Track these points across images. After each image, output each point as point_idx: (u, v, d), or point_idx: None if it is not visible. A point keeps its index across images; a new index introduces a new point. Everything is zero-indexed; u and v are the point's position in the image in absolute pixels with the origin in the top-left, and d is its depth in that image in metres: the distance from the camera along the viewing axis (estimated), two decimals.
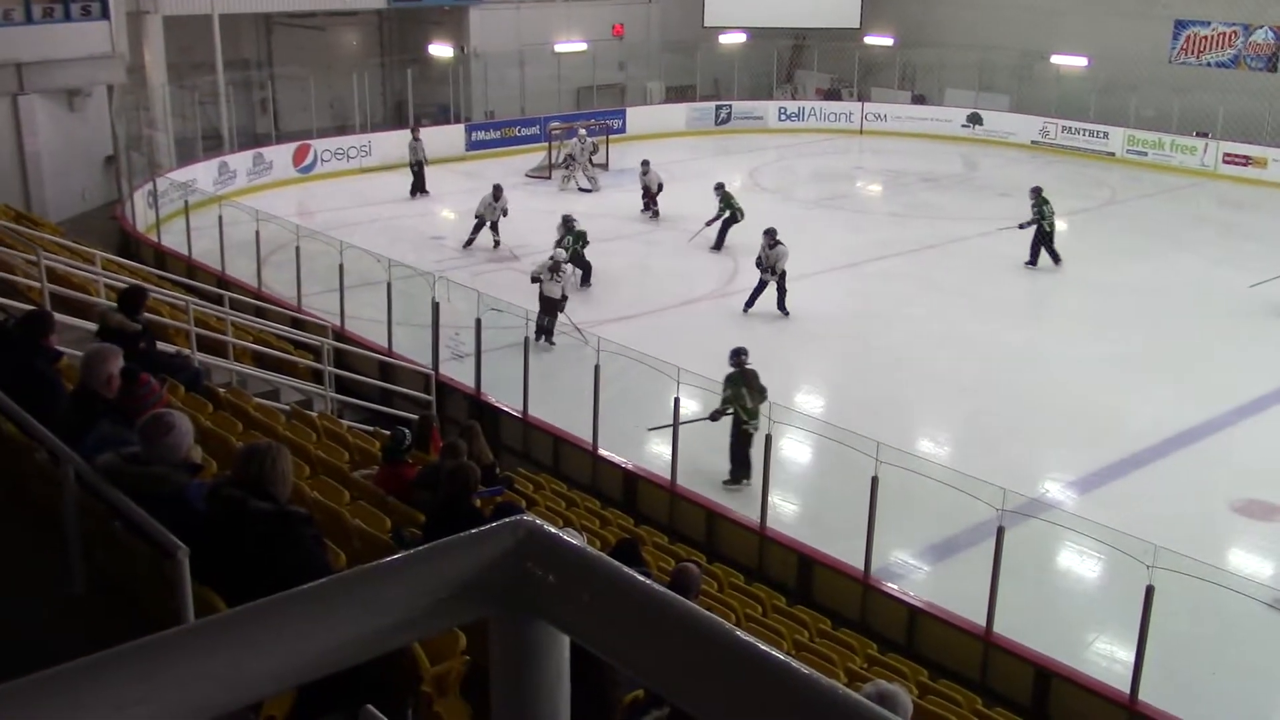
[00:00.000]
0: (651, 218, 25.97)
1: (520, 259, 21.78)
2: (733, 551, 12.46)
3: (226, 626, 1.15)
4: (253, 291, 18.83)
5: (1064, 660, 10.31)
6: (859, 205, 28.93)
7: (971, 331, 18.83)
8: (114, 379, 6.19)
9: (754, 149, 33.87)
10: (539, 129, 32.46)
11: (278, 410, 11.70)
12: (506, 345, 15.48)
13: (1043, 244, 22.38)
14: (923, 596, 11.36)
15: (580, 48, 35.28)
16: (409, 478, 9.35)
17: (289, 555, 4.82)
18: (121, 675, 1.04)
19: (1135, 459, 14.61)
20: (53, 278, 13.11)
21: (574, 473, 14.06)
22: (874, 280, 22.01)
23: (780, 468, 13.19)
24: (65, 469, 5.29)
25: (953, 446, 15.24)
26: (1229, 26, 31.70)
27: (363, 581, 1.21)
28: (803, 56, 39.88)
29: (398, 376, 16.20)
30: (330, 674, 1.18)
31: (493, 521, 1.29)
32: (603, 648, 1.19)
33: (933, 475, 11.47)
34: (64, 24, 23.27)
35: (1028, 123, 34.21)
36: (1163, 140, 31.70)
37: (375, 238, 22.37)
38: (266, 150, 28.90)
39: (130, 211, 22.98)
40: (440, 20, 34.80)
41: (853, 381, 17.33)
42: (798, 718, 1.03)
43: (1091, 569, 12.44)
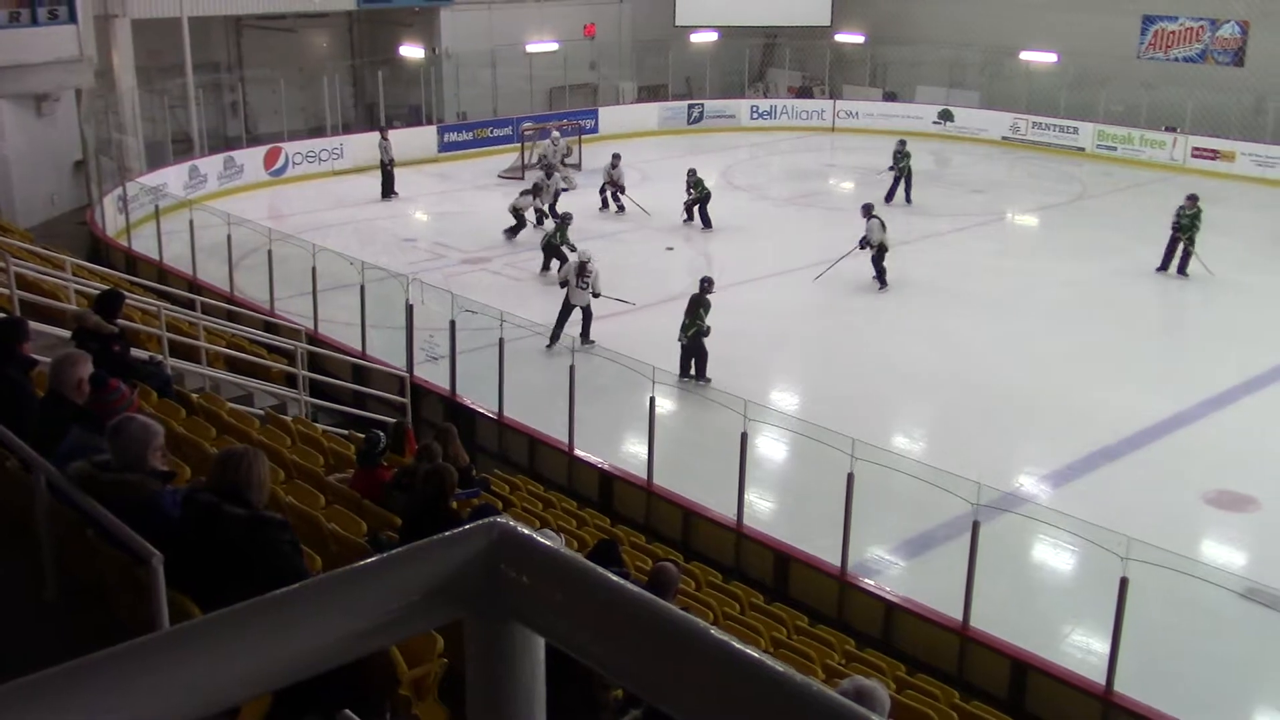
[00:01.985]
0: (617, 212, 26.00)
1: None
2: (710, 550, 12.47)
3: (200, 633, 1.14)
4: (225, 296, 18.73)
5: (1040, 653, 10.36)
6: (832, 202, 28.99)
7: (945, 327, 18.91)
8: (84, 384, 6.14)
9: (727, 147, 33.92)
10: (511, 130, 32.42)
11: (252, 415, 11.64)
12: (481, 347, 15.44)
13: (1187, 253, 21.65)
14: (899, 592, 11.40)
15: (552, 48, 35.24)
16: (385, 481, 9.31)
17: (265, 561, 4.80)
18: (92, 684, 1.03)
19: (1108, 452, 14.71)
20: (22, 284, 13.00)
21: (550, 473, 14.05)
22: (848, 277, 22.04)
23: (756, 465, 13.22)
24: (37, 477, 5.26)
25: (927, 442, 15.30)
26: (1196, 21, 31.96)
27: (338, 585, 1.21)
28: (774, 55, 39.98)
29: (372, 379, 16.14)
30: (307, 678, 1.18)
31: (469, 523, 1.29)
32: (578, 649, 1.19)
33: (908, 471, 11.53)
34: (31, 28, 23.07)
35: (998, 119, 34.40)
36: (1132, 135, 31.92)
37: (348, 240, 22.31)
38: (237, 153, 28.73)
39: (100, 216, 22.80)
40: (411, 22, 34.69)
41: (828, 379, 17.38)
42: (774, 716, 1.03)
43: (1066, 562, 12.52)
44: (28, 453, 5.37)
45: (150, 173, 25.30)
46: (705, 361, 16.39)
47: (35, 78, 23.31)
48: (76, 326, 9.50)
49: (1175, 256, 21.71)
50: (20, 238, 17.43)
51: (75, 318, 10.14)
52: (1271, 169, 29.40)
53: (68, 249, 18.03)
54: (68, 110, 24.90)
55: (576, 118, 32.94)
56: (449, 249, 23.48)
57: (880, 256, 20.39)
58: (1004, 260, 23.30)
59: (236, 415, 10.56)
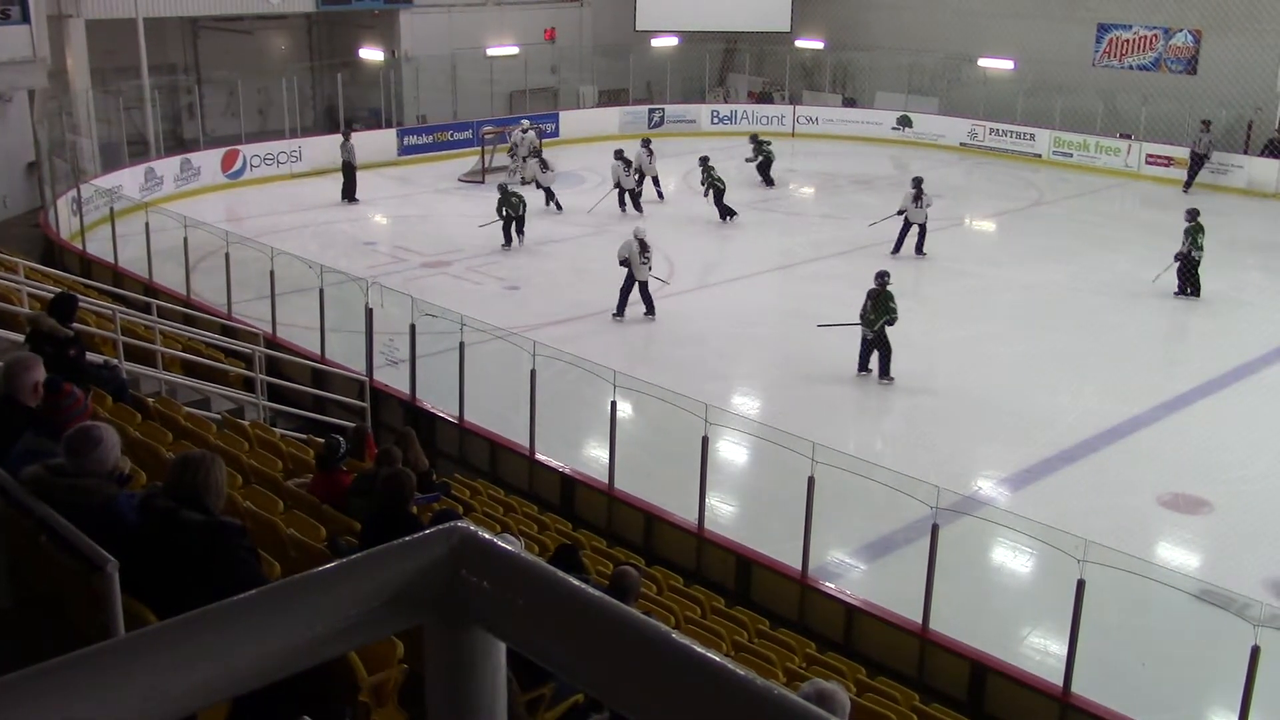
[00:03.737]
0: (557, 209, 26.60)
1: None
2: (671, 554, 12.48)
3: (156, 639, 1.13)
4: (181, 299, 18.55)
5: (999, 655, 10.44)
6: (792, 207, 29.12)
7: (904, 331, 18.99)
8: (38, 387, 6.06)
9: (687, 152, 33.88)
10: (472, 133, 32.33)
11: (209, 419, 11.53)
12: (441, 351, 15.38)
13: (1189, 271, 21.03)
14: (860, 595, 11.46)
15: (512, 51, 35.19)
16: (344, 486, 9.25)
17: (222, 568, 4.75)
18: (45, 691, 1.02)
19: (1065, 455, 14.84)
20: None
21: (511, 477, 14.02)
22: (807, 281, 22.18)
23: (717, 469, 13.24)
24: None
25: (888, 445, 15.40)
26: (1150, 30, 32.35)
27: (296, 591, 1.20)
28: (734, 60, 40.12)
29: (332, 383, 16.04)
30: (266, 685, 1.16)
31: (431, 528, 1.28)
32: (539, 654, 1.18)
33: (868, 475, 11.58)
34: None
35: (956, 125, 34.69)
36: (1088, 142, 32.27)
37: (307, 243, 22.16)
38: (194, 155, 28.47)
39: (54, 219, 22.52)
40: (370, 24, 34.53)
41: (788, 383, 17.44)
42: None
43: (1024, 564, 12.62)
44: None
45: (105, 175, 25.02)
46: (890, 359, 16.83)
47: None
48: (31, 330, 9.38)
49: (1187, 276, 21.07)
50: None
51: (29, 321, 10.02)
52: (1224, 176, 29.80)
53: (20, 252, 17.82)
54: (20, 111, 24.62)
55: (537, 121, 32.90)
56: (409, 252, 23.39)
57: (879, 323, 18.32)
58: (962, 265, 23.47)
59: (193, 420, 10.46)
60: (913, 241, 23.28)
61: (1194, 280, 20.99)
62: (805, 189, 31.49)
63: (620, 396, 13.41)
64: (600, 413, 13.65)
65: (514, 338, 14.87)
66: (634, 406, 14.62)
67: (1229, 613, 10.01)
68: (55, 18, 25.80)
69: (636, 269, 18.80)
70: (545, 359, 13.99)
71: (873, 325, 16.72)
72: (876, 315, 16.72)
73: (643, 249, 18.88)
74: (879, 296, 16.79)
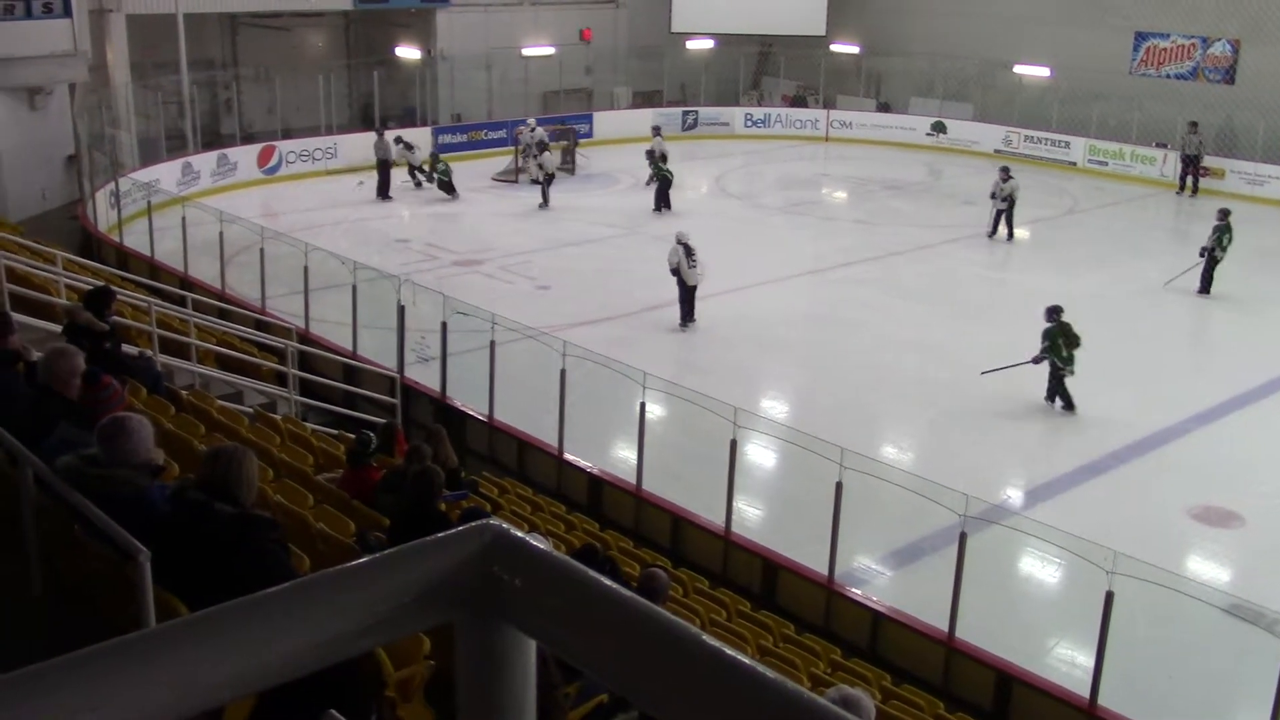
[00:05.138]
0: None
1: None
2: (698, 556, 12.47)
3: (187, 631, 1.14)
4: (216, 293, 18.68)
5: (1025, 665, 10.38)
6: (824, 212, 29.06)
7: (935, 338, 18.94)
8: (75, 379, 6.13)
9: (720, 154, 33.97)
10: (506, 132, 32.41)
11: (241, 413, 11.61)
12: (472, 349, 15.43)
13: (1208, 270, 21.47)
14: (886, 601, 11.41)
15: (548, 52, 35.25)
16: (374, 481, 9.30)
17: (252, 560, 4.78)
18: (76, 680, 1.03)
19: (1095, 466, 14.74)
20: (13, 278, 12.97)
21: (540, 477, 14.04)
22: (839, 286, 22.11)
23: (745, 473, 13.22)
24: (24, 471, 5.24)
25: (916, 452, 15.32)
26: (1188, 39, 32.07)
27: (328, 585, 1.21)
28: (769, 63, 40.02)
29: (363, 380, 16.11)
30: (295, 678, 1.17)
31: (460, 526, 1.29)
32: (569, 652, 1.19)
33: (896, 481, 11.54)
34: (26, 21, 23.00)
35: (991, 131, 34.48)
36: (1123, 150, 32.03)
37: (340, 240, 22.27)
38: (231, 151, 28.70)
39: (92, 211, 22.75)
40: (407, 23, 34.68)
41: (817, 387, 17.39)
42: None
43: (1052, 574, 12.54)
44: (14, 446, 5.35)
45: (143, 168, 25.24)
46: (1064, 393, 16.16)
47: (28, 71, 23.25)
48: (68, 322, 9.48)
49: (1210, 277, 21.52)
50: (11, 231, 17.37)
51: (66, 313, 10.12)
52: (1260, 186, 29.51)
53: (59, 244, 17.98)
54: (61, 105, 24.85)
55: (571, 122, 32.96)
56: (442, 250, 23.47)
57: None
58: (994, 272, 23.36)
59: (226, 413, 10.54)
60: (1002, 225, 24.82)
61: (1208, 279, 21.34)
62: (838, 193, 31.41)
63: (649, 398, 13.42)
64: (629, 414, 13.66)
65: (544, 337, 14.90)
66: (663, 408, 14.62)
67: (1258, 628, 9.92)
68: (96, 12, 26.05)
69: (686, 274, 18.71)
70: (575, 359, 14.01)
71: (1070, 362, 15.90)
72: (1070, 349, 15.90)
73: (688, 253, 18.78)
74: (1066, 331, 15.96)
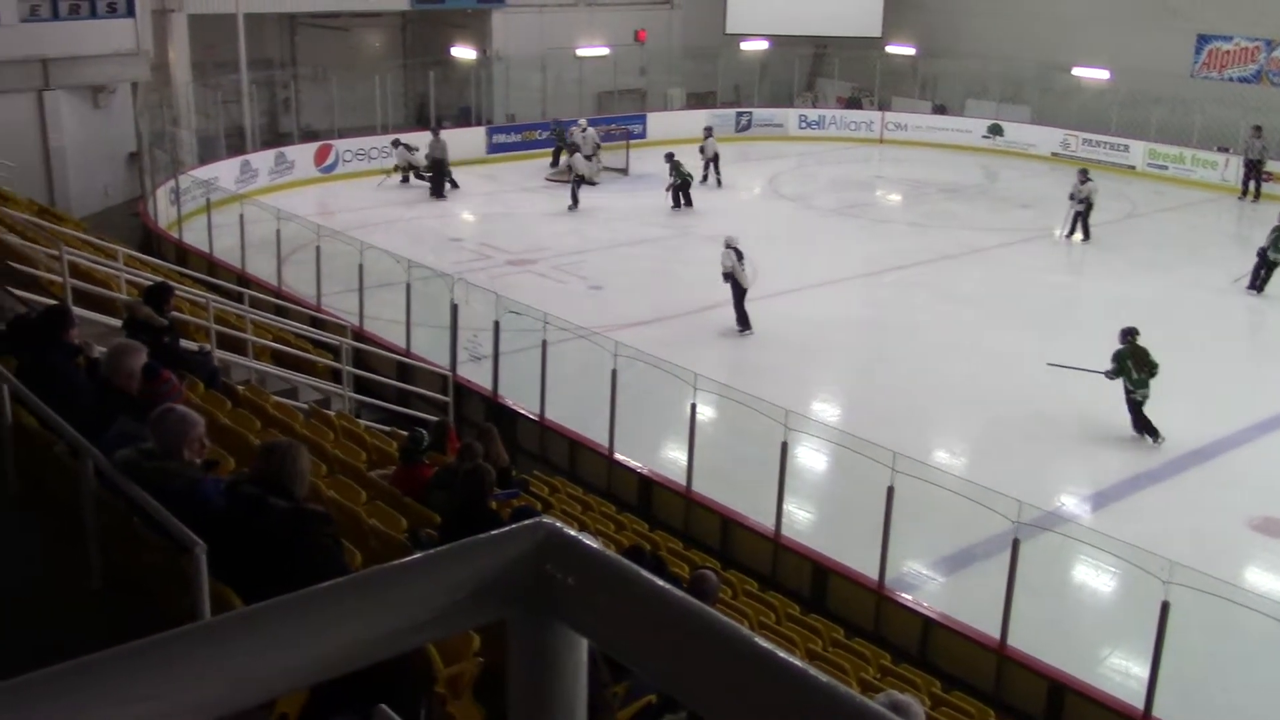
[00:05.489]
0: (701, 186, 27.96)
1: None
2: (747, 558, 12.45)
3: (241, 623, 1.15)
4: (273, 290, 18.91)
5: (1078, 674, 10.26)
6: (878, 214, 28.90)
7: (989, 342, 18.77)
8: (136, 375, 6.22)
9: (774, 156, 33.88)
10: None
11: (296, 409, 11.74)
12: (524, 348, 15.50)
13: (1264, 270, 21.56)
14: (937, 607, 11.33)
15: (602, 52, 35.32)
16: (425, 478, 9.36)
17: (306, 553, 4.83)
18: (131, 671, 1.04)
19: (1152, 474, 14.54)
20: (75, 273, 13.19)
21: (590, 476, 14.07)
22: (892, 289, 21.98)
23: (796, 475, 13.17)
24: (84, 463, 5.32)
25: (969, 458, 15.19)
26: (1251, 42, 31.56)
27: (383, 580, 1.21)
28: (824, 65, 39.86)
29: (416, 377, 16.23)
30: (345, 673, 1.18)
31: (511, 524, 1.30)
32: (621, 651, 1.19)
33: (948, 486, 11.44)
34: (90, 20, 23.43)
35: (1049, 134, 34.11)
36: (1184, 154, 31.55)
37: (395, 238, 22.43)
38: (288, 149, 29.03)
39: (153, 208, 23.10)
40: (463, 23, 34.89)
41: (869, 391, 17.29)
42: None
43: (1107, 583, 12.39)
44: (75, 438, 5.44)
45: (202, 166, 25.58)
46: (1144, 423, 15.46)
47: (92, 70, 23.68)
48: (128, 317, 9.62)
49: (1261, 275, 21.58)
50: (74, 227, 17.66)
51: (126, 308, 10.27)
52: None
53: (120, 239, 18.27)
54: (123, 103, 25.26)
55: (625, 123, 33.00)
56: (495, 250, 23.59)
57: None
58: (1050, 276, 23.10)
59: (281, 408, 10.65)
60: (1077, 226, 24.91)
61: (1263, 279, 21.34)
62: (892, 196, 31.22)
63: (700, 399, 13.41)
64: (680, 415, 13.65)
65: (596, 337, 14.94)
66: (714, 409, 14.61)
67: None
68: (159, 12, 26.45)
69: (741, 278, 18.70)
70: (626, 359, 14.03)
71: (1146, 385, 15.25)
72: (1145, 374, 15.26)
73: (740, 257, 18.75)
74: (1139, 354, 15.35)
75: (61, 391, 6.42)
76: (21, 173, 21.24)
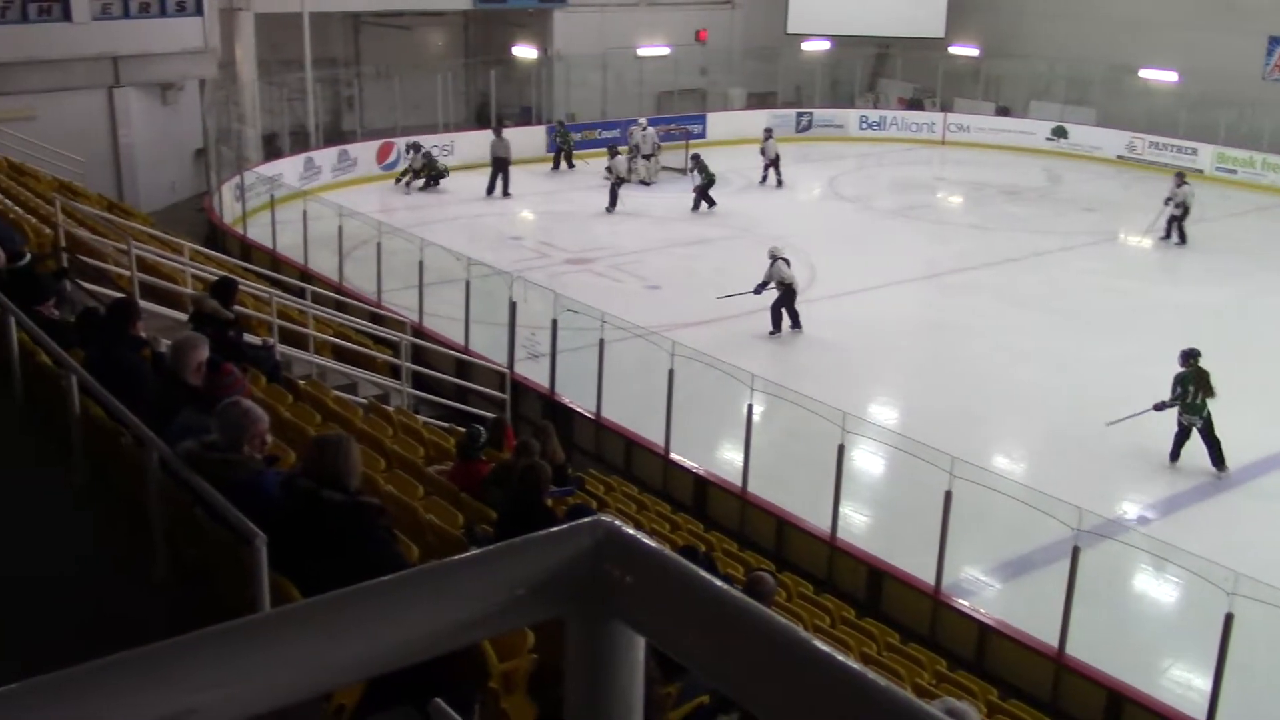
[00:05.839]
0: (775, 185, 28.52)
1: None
2: (802, 561, 12.40)
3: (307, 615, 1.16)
4: (334, 286, 19.11)
5: (1138, 685, 10.10)
6: (939, 216, 28.65)
7: (1051, 347, 18.55)
8: (200, 367, 6.31)
9: (834, 157, 33.69)
10: (619, 132, 32.53)
11: (355, 404, 11.85)
12: (581, 347, 15.54)
13: None
14: (994, 614, 11.21)
15: (663, 52, 35.32)
16: (482, 475, 9.41)
17: (362, 545, 4.88)
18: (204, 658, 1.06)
19: (1218, 483, 14.29)
20: (142, 267, 13.42)
21: (645, 476, 14.08)
22: (953, 292, 21.78)
23: (852, 478, 13.09)
24: (149, 454, 5.40)
25: (1028, 463, 15.01)
26: None
27: (444, 575, 1.22)
28: (886, 65, 39.58)
29: (474, 374, 16.33)
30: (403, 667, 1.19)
31: (566, 521, 1.30)
32: (679, 650, 1.19)
33: (1007, 491, 11.31)
34: (160, 19, 23.83)
35: (1114, 137, 33.60)
36: (1254, 158, 30.97)
37: (455, 236, 22.59)
38: (351, 147, 29.32)
39: (218, 204, 23.43)
40: (525, 22, 35.04)
41: (928, 394, 17.14)
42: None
43: (1168, 593, 12.19)
44: (141, 430, 5.53)
45: (267, 163, 25.94)
46: (1220, 447, 14.54)
47: (161, 67, 24.08)
48: (194, 310, 9.77)
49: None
50: (142, 222, 17.98)
51: (193, 301, 10.44)
52: None
53: (186, 234, 18.57)
54: (191, 100, 25.66)
55: (685, 123, 32.97)
56: (554, 248, 23.67)
57: None
58: (1115, 281, 22.76)
59: (340, 403, 10.76)
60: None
61: None
62: (953, 198, 30.93)
63: (757, 400, 13.37)
64: (736, 415, 13.62)
65: (653, 337, 14.94)
66: (770, 411, 14.56)
67: None
68: (226, 11, 26.81)
69: (791, 280, 18.73)
70: (683, 359, 14.02)
71: (1201, 411, 14.43)
72: (1203, 399, 14.46)
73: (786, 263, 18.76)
74: (1200, 378, 14.55)
75: (128, 383, 6.52)
76: (92, 168, 21.65)
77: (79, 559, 5.73)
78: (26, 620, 5.03)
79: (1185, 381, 14.59)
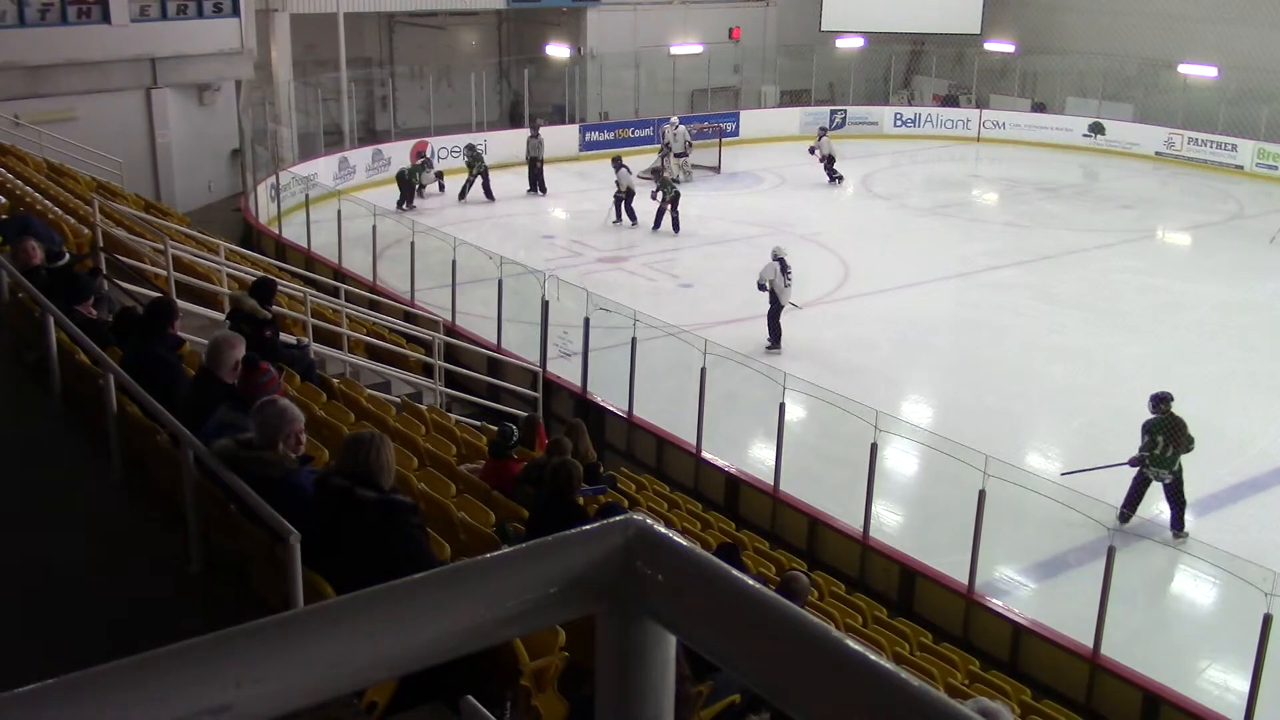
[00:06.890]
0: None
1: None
2: (834, 560, 12.36)
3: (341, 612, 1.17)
4: (368, 285, 19.21)
5: (1174, 686, 10.01)
6: (974, 213, 28.48)
7: (1086, 345, 18.41)
8: (236, 365, 6.37)
9: (868, 154, 33.55)
10: (652, 130, 32.53)
11: (389, 402, 11.90)
12: (613, 345, 15.55)
13: None
14: (1028, 614, 11.14)
15: (696, 50, 35.28)
16: (514, 473, 9.44)
17: (394, 543, 4.91)
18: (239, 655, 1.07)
19: (1255, 482, 14.15)
20: (179, 266, 13.52)
21: (677, 474, 14.07)
22: (987, 290, 21.64)
23: (885, 477, 13.04)
24: (185, 452, 5.46)
25: (1063, 462, 14.88)
26: None
27: (477, 573, 1.23)
28: (921, 62, 39.37)
29: (506, 373, 16.37)
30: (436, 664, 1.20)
31: (598, 520, 1.30)
32: (710, 649, 1.19)
33: (1041, 491, 11.23)
34: (196, 20, 24.02)
35: (1152, 133, 33.27)
36: None
37: (488, 235, 22.65)
38: (385, 146, 29.45)
39: (253, 204, 23.59)
40: (558, 21, 35.10)
41: (962, 393, 17.04)
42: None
43: (1205, 594, 12.08)
44: (177, 428, 5.58)
45: (302, 163, 26.07)
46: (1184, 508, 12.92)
47: (198, 68, 24.27)
48: (232, 309, 9.85)
49: None
50: (178, 221, 18.12)
51: (231, 301, 10.52)
52: None
53: (222, 234, 18.70)
54: (227, 100, 25.84)
55: (718, 120, 32.93)
56: (586, 247, 23.69)
57: None
58: (1151, 278, 22.56)
59: (374, 402, 10.81)
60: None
61: None
62: (988, 195, 30.74)
63: (789, 399, 13.33)
64: (768, 414, 13.59)
65: (685, 335, 14.93)
66: (802, 409, 14.51)
67: None
68: (262, 12, 27.00)
69: (780, 293, 17.97)
70: (716, 358, 14.01)
71: (1171, 465, 12.76)
72: (1176, 452, 12.75)
73: (784, 269, 18.03)
74: (1173, 427, 12.84)
75: (164, 382, 6.59)
76: (129, 168, 21.84)
77: (116, 553, 5.80)
78: (66, 612, 5.11)
79: (1155, 430, 12.85)
